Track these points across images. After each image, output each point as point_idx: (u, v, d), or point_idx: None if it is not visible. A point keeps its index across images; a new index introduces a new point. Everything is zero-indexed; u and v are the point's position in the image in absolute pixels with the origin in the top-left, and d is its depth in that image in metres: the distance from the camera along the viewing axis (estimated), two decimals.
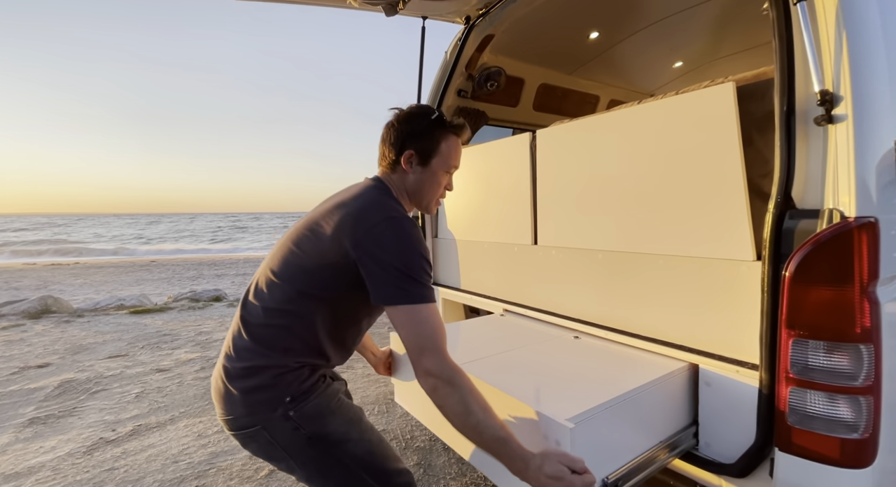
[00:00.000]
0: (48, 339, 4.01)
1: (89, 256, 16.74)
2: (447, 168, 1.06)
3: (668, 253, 1.16)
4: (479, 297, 1.93)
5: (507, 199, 1.78)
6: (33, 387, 2.90)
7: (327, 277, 0.93)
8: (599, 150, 1.36)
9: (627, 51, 2.67)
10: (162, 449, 2.15)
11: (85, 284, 8.51)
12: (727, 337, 1.03)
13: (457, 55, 2.22)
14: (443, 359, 0.84)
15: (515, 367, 1.15)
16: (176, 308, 5.34)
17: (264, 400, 0.92)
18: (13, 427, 2.37)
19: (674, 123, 1.13)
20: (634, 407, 0.95)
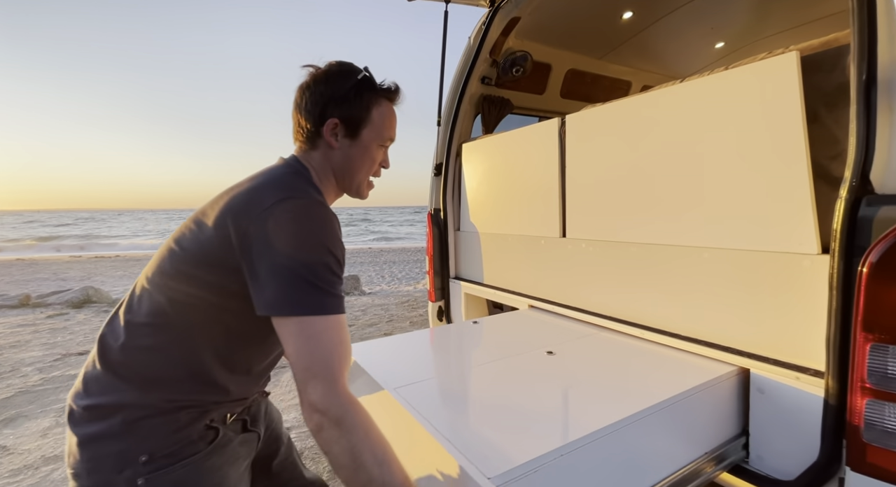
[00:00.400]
0: (88, 328, 4.20)
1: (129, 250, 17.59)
2: (381, 140, 0.87)
3: (714, 245, 1.05)
4: (503, 292, 1.86)
5: (533, 190, 1.69)
6: (73, 374, 3.03)
7: (212, 281, 0.70)
8: (637, 134, 1.25)
9: (663, 32, 2.50)
10: None
11: (124, 276, 8.93)
12: (785, 339, 0.92)
13: (481, 40, 2.13)
14: (334, 391, 0.63)
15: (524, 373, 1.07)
16: None
17: (108, 455, 0.66)
18: (54, 411, 2.48)
19: (725, 101, 1.01)
20: (674, 416, 0.86)
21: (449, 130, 2.17)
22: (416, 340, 1.34)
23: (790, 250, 0.90)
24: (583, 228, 1.49)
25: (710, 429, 0.94)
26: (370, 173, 0.90)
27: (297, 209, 0.69)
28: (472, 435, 0.73)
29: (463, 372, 1.08)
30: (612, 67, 2.78)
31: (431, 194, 2.25)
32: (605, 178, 1.37)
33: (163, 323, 0.71)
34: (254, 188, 0.73)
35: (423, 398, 0.88)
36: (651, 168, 1.21)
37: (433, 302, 2.23)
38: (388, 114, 0.87)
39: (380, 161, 0.90)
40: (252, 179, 0.77)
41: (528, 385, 0.95)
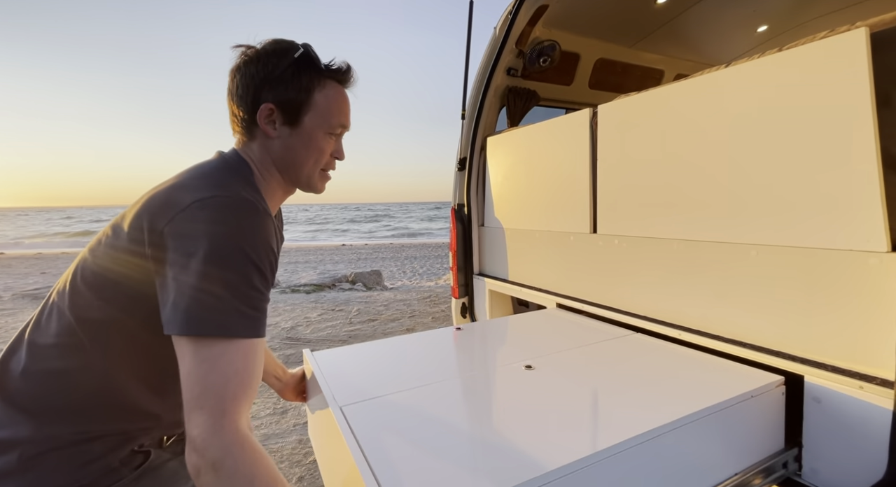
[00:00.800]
0: None
1: None
2: (329, 127, 0.75)
3: (765, 242, 0.98)
4: (529, 290, 1.81)
5: (561, 184, 1.64)
6: None
7: (126, 295, 0.61)
8: (680, 124, 1.18)
9: (700, 16, 2.36)
10: None
11: None
12: (847, 344, 0.84)
13: (507, 30, 2.07)
14: (217, 428, 0.52)
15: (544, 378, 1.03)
16: None
17: None
18: None
19: (780, 85, 0.93)
20: (717, 425, 0.80)
21: (473, 124, 2.13)
22: (435, 340, 1.32)
23: (855, 247, 0.82)
24: (615, 224, 1.42)
25: (756, 439, 0.87)
26: (320, 165, 0.77)
27: (218, 210, 0.59)
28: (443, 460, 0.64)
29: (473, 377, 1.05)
30: (644, 56, 2.66)
31: (455, 189, 2.21)
32: (642, 171, 1.30)
33: (73, 343, 0.62)
34: (175, 186, 0.64)
35: (382, 416, 0.78)
36: (694, 159, 1.14)
37: (457, 299, 2.20)
38: (336, 98, 0.75)
39: (330, 151, 0.78)
40: (177, 176, 0.68)
41: (544, 392, 0.91)
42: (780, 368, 0.94)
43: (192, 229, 0.58)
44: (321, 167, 0.78)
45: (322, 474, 0.98)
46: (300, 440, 2.14)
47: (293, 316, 4.54)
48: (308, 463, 1.95)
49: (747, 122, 1.00)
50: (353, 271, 7.11)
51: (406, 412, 0.82)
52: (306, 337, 3.82)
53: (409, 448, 0.69)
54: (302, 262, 10.61)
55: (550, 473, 0.60)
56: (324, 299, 5.38)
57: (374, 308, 4.87)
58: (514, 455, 0.66)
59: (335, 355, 1.17)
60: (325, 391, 0.92)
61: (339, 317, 4.46)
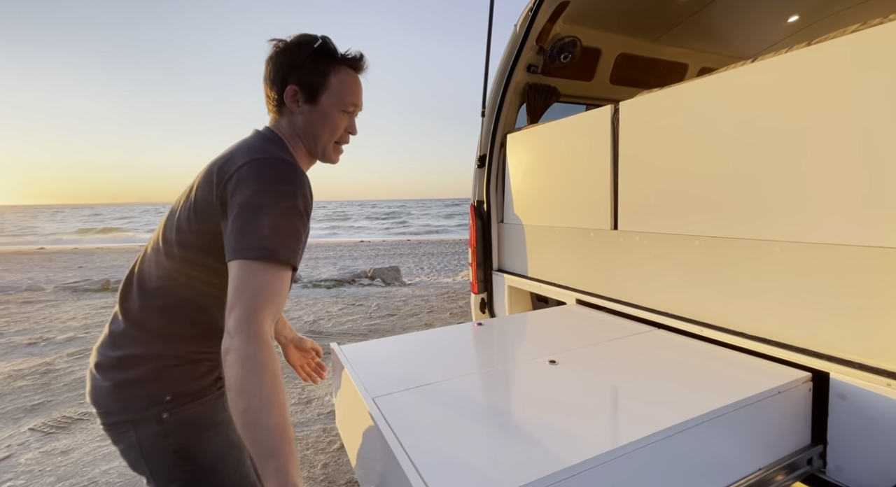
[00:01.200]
0: None
1: None
2: (343, 105, 0.89)
3: (789, 239, 0.97)
4: (548, 285, 1.83)
5: (582, 180, 1.64)
6: None
7: (207, 242, 0.77)
8: (701, 120, 1.17)
9: (728, 6, 2.31)
10: None
11: None
12: (873, 341, 0.84)
13: (527, 27, 2.08)
14: (249, 321, 0.64)
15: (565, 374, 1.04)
16: None
17: (139, 396, 0.78)
18: None
19: (807, 80, 0.93)
20: (740, 422, 0.81)
21: (493, 121, 2.15)
22: (457, 335, 1.35)
23: (884, 244, 0.82)
24: (637, 220, 1.42)
25: (782, 436, 0.88)
26: (334, 138, 0.91)
27: (265, 166, 0.75)
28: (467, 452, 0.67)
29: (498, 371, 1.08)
30: (667, 50, 2.61)
31: (474, 186, 2.24)
32: (665, 167, 1.30)
33: (171, 286, 0.80)
34: (228, 154, 0.81)
35: (415, 408, 0.81)
36: (718, 156, 1.13)
37: (476, 294, 2.23)
38: (349, 81, 0.89)
39: (344, 126, 0.92)
40: (228, 149, 0.84)
41: (567, 387, 0.93)
42: (806, 365, 0.94)
43: (247, 181, 0.73)
44: (335, 140, 0.92)
45: (352, 461, 1.03)
46: (324, 429, 2.22)
47: (315, 310, 4.66)
48: (332, 452, 2.03)
49: (773, 118, 1.00)
50: (371, 267, 7.22)
51: (435, 403, 0.86)
52: (328, 330, 3.92)
53: (441, 438, 0.73)
54: (322, 258, 10.82)
55: (576, 466, 0.63)
56: (344, 294, 5.49)
57: (393, 303, 4.95)
58: (540, 447, 0.69)
59: (362, 348, 1.21)
60: (357, 383, 0.97)
61: (360, 312, 4.56)
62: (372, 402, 0.86)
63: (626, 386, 0.91)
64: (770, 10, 2.41)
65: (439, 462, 0.65)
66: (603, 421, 0.76)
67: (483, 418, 0.79)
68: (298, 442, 2.10)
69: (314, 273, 7.67)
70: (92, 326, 4.08)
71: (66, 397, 2.61)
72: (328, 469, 1.91)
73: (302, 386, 2.73)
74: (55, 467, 1.93)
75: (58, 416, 2.36)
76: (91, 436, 2.17)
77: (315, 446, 2.07)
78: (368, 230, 26.18)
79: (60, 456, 2.00)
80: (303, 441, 2.12)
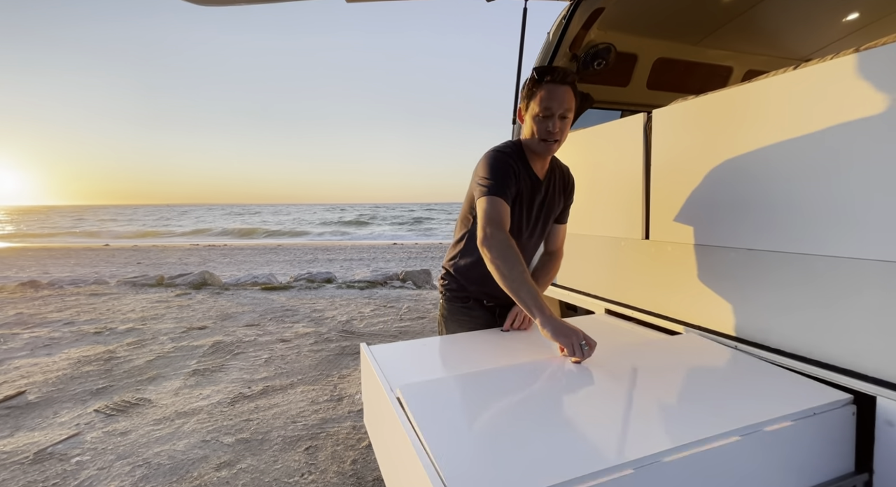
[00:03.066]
0: (206, 307, 4.92)
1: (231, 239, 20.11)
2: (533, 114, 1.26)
3: (834, 254, 0.93)
4: (577, 294, 1.81)
5: (613, 189, 1.63)
6: (196, 345, 3.59)
7: (471, 201, 1.37)
8: (738, 129, 1.14)
9: (778, 5, 2.20)
10: (284, 409, 2.48)
11: (230, 263, 10.26)
12: None
13: (560, 35, 2.08)
14: (484, 232, 1.16)
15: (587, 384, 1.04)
16: (296, 287, 6.12)
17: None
18: (182, 375, 2.98)
19: (855, 87, 0.89)
20: (770, 443, 0.78)
21: None
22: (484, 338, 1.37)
23: None
24: (669, 230, 1.40)
25: (821, 460, 0.84)
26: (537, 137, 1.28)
27: (487, 152, 1.29)
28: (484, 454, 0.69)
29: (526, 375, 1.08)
30: (710, 53, 2.52)
31: None
32: (699, 177, 1.27)
33: (467, 235, 1.39)
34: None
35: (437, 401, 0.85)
36: (758, 166, 1.10)
37: None
38: (540, 95, 1.23)
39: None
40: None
41: (593, 394, 0.93)
42: (850, 388, 0.89)
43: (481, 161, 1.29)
44: (540, 138, 1.25)
45: (378, 459, 1.07)
46: (354, 426, 2.30)
47: (348, 310, 4.81)
48: (361, 448, 2.10)
49: (819, 126, 0.96)
50: (403, 270, 7.35)
51: (459, 405, 0.89)
52: (360, 330, 4.04)
53: (462, 435, 0.76)
54: (356, 259, 11.12)
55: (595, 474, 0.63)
56: (376, 295, 5.63)
57: (423, 306, 5.02)
58: (559, 453, 0.70)
59: (390, 349, 1.27)
60: (382, 380, 1.02)
61: (391, 314, 4.66)
62: (395, 398, 0.90)
63: (657, 398, 0.90)
64: (822, 10, 2.28)
65: (459, 459, 0.67)
66: (626, 431, 0.76)
67: (505, 418, 0.81)
68: (329, 438, 2.19)
69: (348, 274, 7.91)
70: (148, 318, 4.43)
71: (126, 383, 2.86)
72: (357, 465, 1.98)
73: (334, 384, 2.84)
74: (115, 446, 2.12)
75: (118, 400, 2.60)
76: (146, 420, 2.36)
77: (345, 442, 2.15)
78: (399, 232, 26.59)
79: (119, 437, 2.20)
80: (333, 436, 2.20)
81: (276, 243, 17.39)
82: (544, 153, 1.27)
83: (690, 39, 2.42)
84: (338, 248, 14.37)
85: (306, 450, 2.08)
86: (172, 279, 6.40)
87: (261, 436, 2.19)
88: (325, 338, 3.78)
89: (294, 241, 19.03)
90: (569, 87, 1.20)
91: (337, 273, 7.97)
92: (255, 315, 4.58)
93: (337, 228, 27.81)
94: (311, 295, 5.64)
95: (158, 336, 3.84)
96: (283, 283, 6.39)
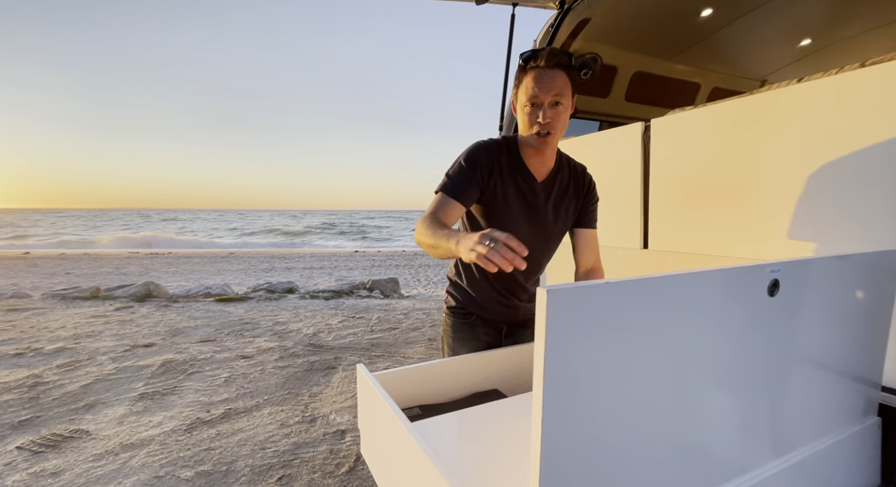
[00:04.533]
0: (151, 321, 4.46)
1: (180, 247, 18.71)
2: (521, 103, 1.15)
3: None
4: None
5: (611, 198, 1.62)
6: (142, 364, 3.21)
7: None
8: (742, 139, 1.16)
9: (743, 29, 2.34)
10: (250, 435, 2.25)
11: (177, 273, 9.48)
12: None
13: (548, 43, 2.08)
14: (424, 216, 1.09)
15: None
16: (254, 298, 5.72)
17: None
18: (128, 400, 2.63)
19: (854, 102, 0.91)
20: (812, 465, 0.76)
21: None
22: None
23: None
24: (668, 240, 1.40)
25: (844, 474, 0.83)
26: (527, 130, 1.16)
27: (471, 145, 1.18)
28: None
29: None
30: (681, 69, 2.64)
31: None
32: (698, 187, 1.28)
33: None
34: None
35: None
36: (763, 176, 1.11)
37: None
38: (525, 81, 1.11)
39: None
40: None
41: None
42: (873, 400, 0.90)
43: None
44: (532, 130, 1.12)
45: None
46: (331, 450, 2.13)
47: (314, 322, 4.55)
48: (341, 475, 1.93)
49: (819, 139, 0.98)
50: (369, 278, 7.12)
51: (475, 427, 0.81)
52: (329, 344, 3.82)
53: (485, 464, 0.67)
54: (317, 268, 10.68)
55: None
56: (343, 306, 5.39)
57: (394, 316, 4.86)
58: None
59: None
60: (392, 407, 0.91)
61: (360, 325, 4.46)
62: (410, 426, 0.80)
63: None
64: (786, 33, 2.46)
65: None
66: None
67: (517, 441, 0.74)
68: (304, 465, 2.00)
69: (310, 283, 7.55)
70: (82, 336, 3.93)
71: (56, 412, 2.48)
72: None
73: (305, 403, 2.63)
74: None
75: (47, 433, 2.24)
76: (84, 456, 2.05)
77: (322, 469, 1.98)
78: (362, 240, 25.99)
79: (50, 478, 1.88)
80: (309, 463, 2.02)
81: (228, 251, 16.36)
82: (539, 147, 1.12)
83: (665, 55, 2.52)
84: (296, 256, 13.76)
85: (279, 481, 1.88)
86: (110, 291, 5.77)
87: (225, 467, 1.96)
88: (291, 353, 3.52)
89: (248, 249, 18.02)
90: (559, 71, 1.06)
91: (298, 282, 7.58)
92: (210, 329, 4.21)
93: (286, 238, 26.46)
94: (271, 306, 5.30)
95: (96, 355, 3.41)
96: (240, 294, 5.96)
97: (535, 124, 1.08)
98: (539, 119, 1.07)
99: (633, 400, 0.56)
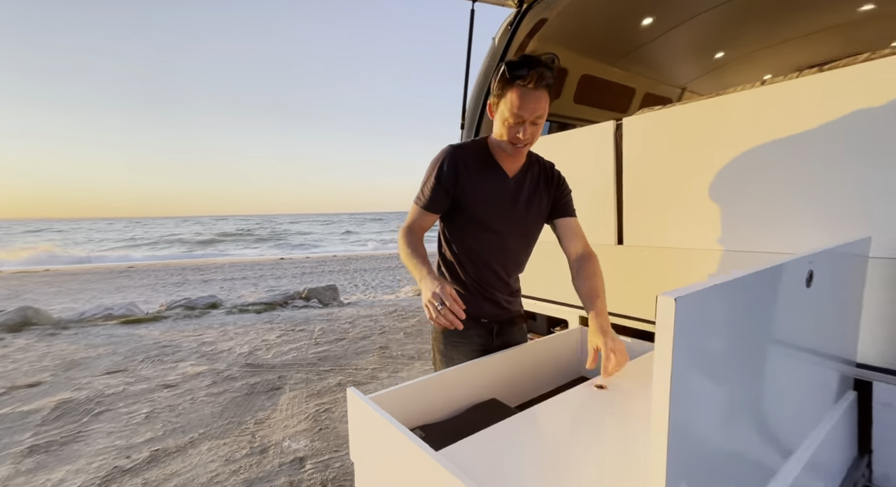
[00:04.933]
0: (34, 355, 3.65)
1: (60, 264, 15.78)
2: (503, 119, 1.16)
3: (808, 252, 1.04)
4: (549, 304, 1.78)
5: (585, 195, 1.63)
6: (27, 409, 2.59)
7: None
8: (712, 138, 1.23)
9: (677, 39, 2.56)
10: (189, 478, 1.91)
11: (60, 293, 7.97)
12: None
13: (507, 42, 2.07)
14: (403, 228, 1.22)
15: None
16: (171, 317, 5.00)
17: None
18: (11, 456, 2.09)
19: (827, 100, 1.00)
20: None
21: (474, 133, 2.08)
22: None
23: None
24: (643, 235, 1.45)
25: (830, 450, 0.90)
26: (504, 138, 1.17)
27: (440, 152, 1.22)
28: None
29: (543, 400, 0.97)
30: (620, 73, 2.82)
31: None
32: (670, 183, 1.34)
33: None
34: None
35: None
36: (731, 171, 1.19)
37: None
38: (510, 98, 1.10)
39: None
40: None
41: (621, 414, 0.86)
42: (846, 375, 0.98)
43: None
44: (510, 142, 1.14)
45: None
46: (291, 482, 1.89)
47: (248, 339, 4.10)
48: None
49: (781, 137, 1.07)
50: (305, 287, 6.65)
51: (493, 446, 0.73)
52: (269, 362, 3.45)
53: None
54: (239, 279, 9.73)
55: None
56: (278, 319, 4.94)
57: (339, 325, 4.57)
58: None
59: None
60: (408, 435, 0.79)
61: (303, 338, 4.12)
62: (436, 454, 0.70)
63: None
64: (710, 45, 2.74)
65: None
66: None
67: (545, 457, 0.70)
68: None
69: (235, 296, 6.84)
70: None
71: None
72: None
73: (251, 432, 2.32)
74: None
75: None
76: None
77: None
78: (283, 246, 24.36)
79: None
80: None
81: (127, 265, 14.20)
82: (514, 155, 1.18)
83: (609, 59, 2.67)
84: (212, 267, 12.40)
85: None
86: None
87: None
88: (226, 377, 3.11)
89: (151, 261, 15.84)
90: (544, 91, 1.08)
91: (221, 295, 6.82)
92: (117, 357, 3.56)
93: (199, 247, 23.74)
94: (193, 324, 4.67)
95: None
96: (151, 313, 5.17)
97: (515, 138, 1.11)
98: (520, 135, 1.10)
99: (748, 394, 0.54)
